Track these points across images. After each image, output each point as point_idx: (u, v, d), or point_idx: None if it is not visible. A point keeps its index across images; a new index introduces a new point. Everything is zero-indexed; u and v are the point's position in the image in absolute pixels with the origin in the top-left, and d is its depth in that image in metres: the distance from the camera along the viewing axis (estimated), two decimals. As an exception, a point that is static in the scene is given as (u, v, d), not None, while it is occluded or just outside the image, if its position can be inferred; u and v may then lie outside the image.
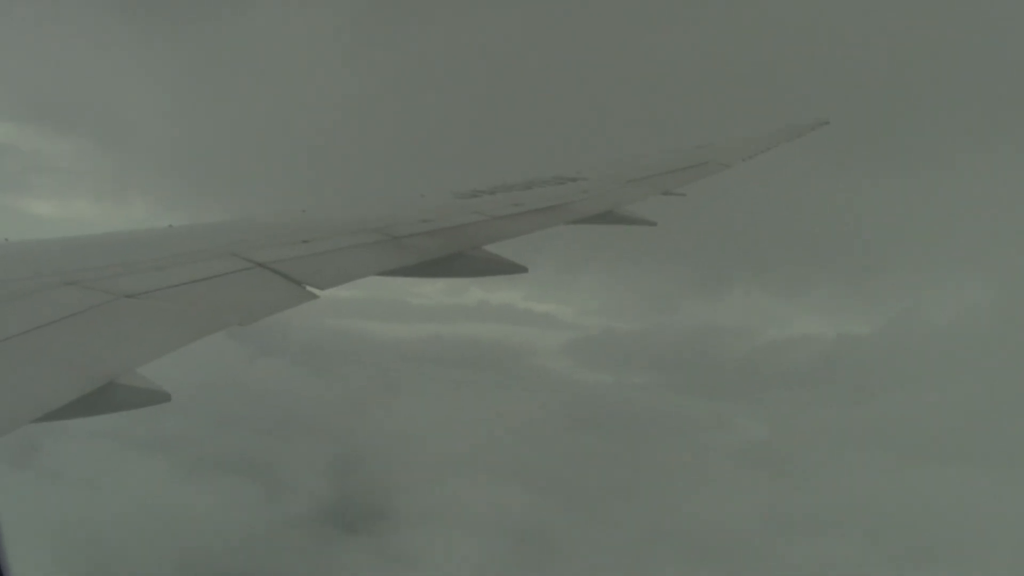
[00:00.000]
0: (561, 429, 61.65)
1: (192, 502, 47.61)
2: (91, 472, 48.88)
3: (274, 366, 68.91)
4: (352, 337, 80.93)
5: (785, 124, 15.29)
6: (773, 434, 62.13)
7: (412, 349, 78.22)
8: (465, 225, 8.15)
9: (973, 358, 62.49)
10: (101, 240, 6.87)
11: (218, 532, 45.87)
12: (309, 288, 5.83)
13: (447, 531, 47.38)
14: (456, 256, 7.35)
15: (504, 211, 8.84)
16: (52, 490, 46.01)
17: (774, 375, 73.20)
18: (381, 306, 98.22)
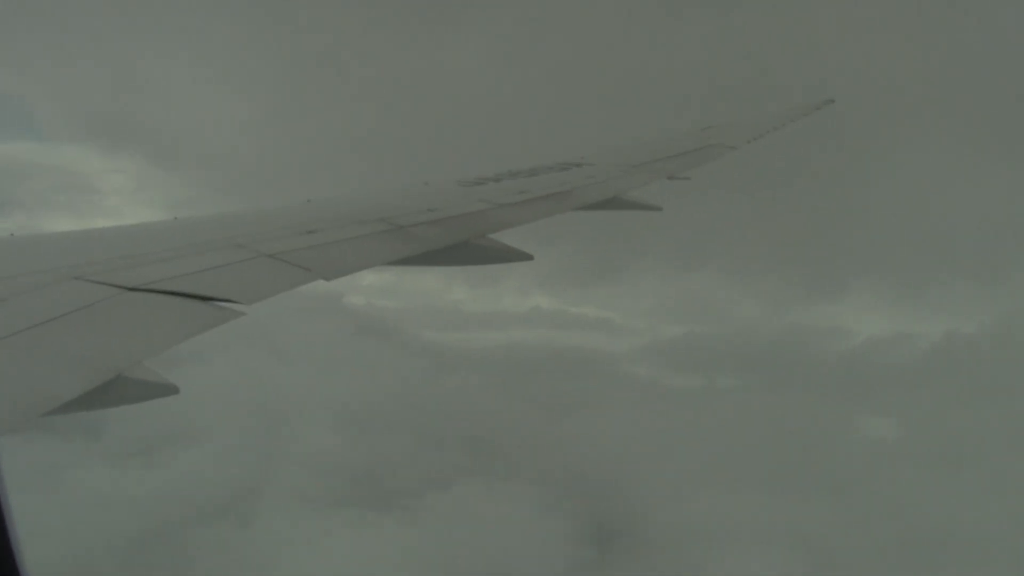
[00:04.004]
0: (723, 434, 57.14)
1: (449, 528, 45.51)
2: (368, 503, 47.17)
3: (452, 382, 65.81)
4: (451, 350, 77.52)
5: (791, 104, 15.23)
6: (908, 434, 58.28)
7: (497, 358, 74.37)
8: (470, 214, 8.13)
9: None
10: (107, 233, 6.86)
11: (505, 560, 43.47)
12: (317, 278, 5.83)
13: (723, 547, 44.41)
14: (462, 245, 7.34)
15: (509, 199, 8.82)
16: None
17: (874, 375, 69.07)
18: (434, 315, 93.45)
